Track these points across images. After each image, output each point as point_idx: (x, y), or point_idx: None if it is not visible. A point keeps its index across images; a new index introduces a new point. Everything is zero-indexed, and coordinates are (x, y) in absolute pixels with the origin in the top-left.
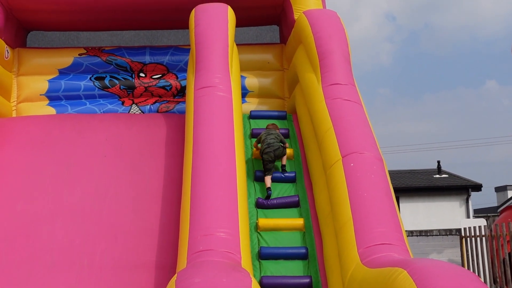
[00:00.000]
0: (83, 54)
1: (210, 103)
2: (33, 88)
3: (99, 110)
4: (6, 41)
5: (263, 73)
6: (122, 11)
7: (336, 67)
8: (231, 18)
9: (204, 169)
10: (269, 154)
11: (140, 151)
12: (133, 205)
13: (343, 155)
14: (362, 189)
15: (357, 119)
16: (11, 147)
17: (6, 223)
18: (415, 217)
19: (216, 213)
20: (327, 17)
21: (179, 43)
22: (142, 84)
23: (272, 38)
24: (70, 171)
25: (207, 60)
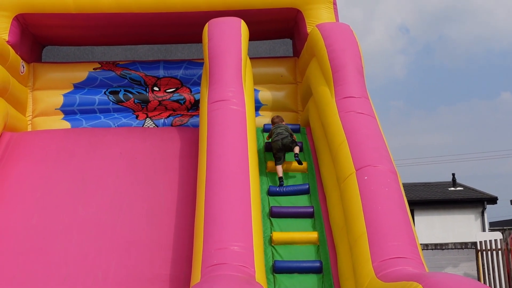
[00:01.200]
0: (98, 68)
1: (224, 116)
2: (48, 103)
3: (114, 124)
4: (22, 56)
5: (276, 86)
6: (136, 25)
7: (349, 80)
8: (244, 32)
9: (218, 182)
10: (277, 142)
11: (154, 165)
12: (147, 219)
13: (357, 168)
14: (376, 202)
15: (370, 132)
16: (26, 161)
17: (22, 237)
18: (430, 230)
19: (230, 226)
20: (340, 30)
21: (192, 57)
22: (156, 98)
23: (285, 52)
24: (85, 185)
25: (221, 74)
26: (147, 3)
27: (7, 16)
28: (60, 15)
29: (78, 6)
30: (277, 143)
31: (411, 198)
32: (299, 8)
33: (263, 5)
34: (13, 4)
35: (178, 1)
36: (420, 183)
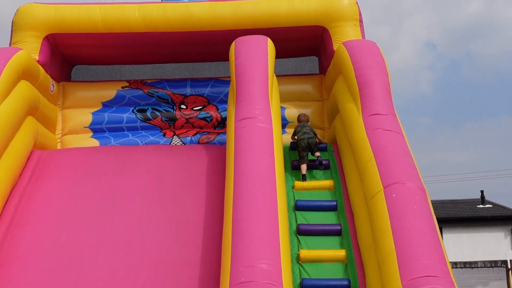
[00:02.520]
0: (126, 87)
1: (251, 134)
2: (77, 121)
3: (141, 142)
4: (52, 75)
5: (302, 103)
6: (164, 44)
7: (376, 97)
8: (270, 49)
9: (245, 200)
10: (302, 141)
11: (182, 182)
12: (175, 236)
13: (385, 185)
14: (405, 220)
15: (398, 149)
16: (56, 179)
17: (51, 254)
18: (459, 248)
19: (257, 244)
20: (367, 47)
21: (219, 75)
22: (183, 116)
23: (311, 69)
24: (113, 202)
25: (248, 91)
26: (174, 22)
27: (37, 36)
28: (89, 34)
29: (106, 25)
30: (303, 141)
31: (439, 216)
32: (325, 26)
33: (289, 23)
34: (44, 24)
35: (205, 20)
36: (448, 200)
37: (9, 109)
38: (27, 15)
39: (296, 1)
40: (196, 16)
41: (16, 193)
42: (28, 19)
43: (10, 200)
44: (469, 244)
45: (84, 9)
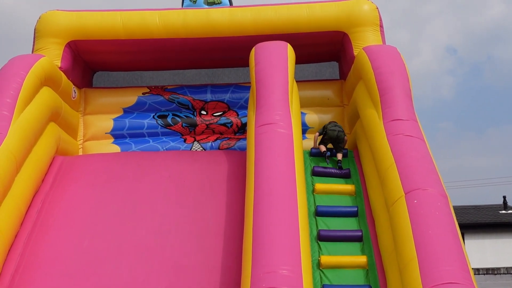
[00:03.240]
0: (147, 93)
1: (271, 140)
2: (98, 127)
3: (162, 148)
4: (74, 81)
5: (323, 109)
6: (184, 50)
7: (397, 103)
8: (290, 55)
9: (266, 206)
10: (333, 131)
11: (202, 188)
12: (196, 242)
13: (406, 191)
14: (426, 226)
15: (419, 155)
16: (77, 185)
17: (72, 260)
18: (481, 255)
19: (278, 250)
20: (387, 52)
21: (239, 81)
22: (203, 122)
23: (331, 74)
24: (134, 208)
25: (268, 97)
26: (195, 28)
27: (59, 43)
28: (111, 41)
29: (127, 32)
30: (333, 132)
31: (461, 222)
32: (345, 31)
33: (309, 28)
34: (66, 31)
35: (225, 26)
36: (470, 206)
37: (31, 116)
38: (49, 22)
39: (316, 7)
40: (216, 22)
41: (38, 198)
42: (50, 26)
43: (33, 205)
44: (492, 250)
45: (106, 16)
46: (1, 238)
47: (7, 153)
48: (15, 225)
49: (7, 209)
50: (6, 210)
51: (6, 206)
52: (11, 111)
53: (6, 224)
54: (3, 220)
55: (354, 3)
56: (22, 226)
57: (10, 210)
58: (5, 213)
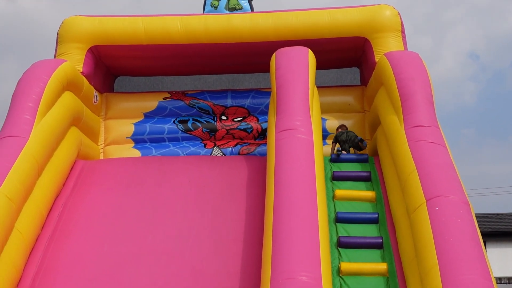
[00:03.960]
0: (167, 98)
1: (291, 145)
2: (119, 131)
3: (182, 153)
4: (95, 86)
5: (343, 115)
6: (205, 56)
7: (419, 109)
8: (311, 61)
9: (286, 211)
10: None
11: (222, 193)
12: (215, 247)
13: (428, 198)
14: (448, 233)
15: (441, 161)
16: (98, 189)
17: (92, 263)
18: (503, 263)
19: (298, 256)
20: (409, 58)
21: (260, 86)
22: (224, 127)
23: (352, 80)
24: (154, 212)
25: (288, 102)
26: (215, 34)
27: (82, 48)
28: (132, 46)
29: (149, 37)
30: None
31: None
32: (366, 37)
33: (330, 34)
34: (88, 36)
35: (246, 31)
36: (492, 214)
37: (53, 120)
38: (72, 27)
39: (337, 13)
40: (237, 27)
41: (59, 202)
42: (72, 31)
43: (54, 209)
44: None
45: (128, 21)
46: (22, 241)
47: (29, 157)
48: (37, 228)
49: (29, 212)
50: (27, 213)
51: (27, 209)
52: (33, 115)
53: (28, 227)
54: (25, 223)
55: (376, 8)
56: (43, 229)
57: (32, 213)
58: (26, 216)
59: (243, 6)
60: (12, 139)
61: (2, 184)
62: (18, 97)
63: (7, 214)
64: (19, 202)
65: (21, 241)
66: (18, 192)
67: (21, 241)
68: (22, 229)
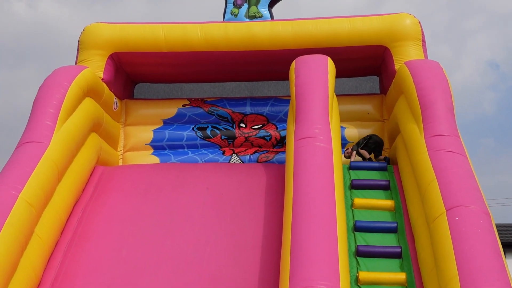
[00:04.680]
0: (187, 105)
1: (310, 153)
2: (139, 138)
3: (201, 160)
4: (115, 93)
5: (363, 123)
6: (225, 63)
7: (439, 118)
8: (331, 69)
9: (304, 220)
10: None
11: (240, 201)
12: (233, 255)
13: (448, 208)
14: (468, 244)
15: (461, 171)
16: (117, 195)
17: (111, 269)
18: None
19: (316, 264)
20: (429, 67)
21: (279, 94)
22: (242, 134)
23: (371, 89)
24: (173, 219)
25: (307, 110)
26: (235, 42)
27: (102, 54)
28: (152, 53)
29: (169, 44)
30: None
31: (504, 240)
32: (386, 46)
33: (350, 42)
34: (109, 43)
35: (266, 39)
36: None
37: (74, 126)
38: (93, 34)
39: (357, 21)
40: (257, 35)
41: (79, 208)
42: (94, 38)
43: (73, 214)
44: None
45: (148, 29)
46: (42, 246)
47: (50, 163)
48: (56, 234)
49: (48, 217)
50: (47, 218)
51: (47, 215)
52: (54, 121)
53: (47, 232)
54: (44, 228)
55: (396, 17)
56: (62, 235)
57: (51, 219)
58: (46, 221)
59: (263, 14)
60: (33, 144)
61: (23, 189)
62: (39, 103)
63: (27, 219)
64: (39, 207)
65: (41, 246)
66: (38, 197)
67: (40, 246)
68: (41, 234)
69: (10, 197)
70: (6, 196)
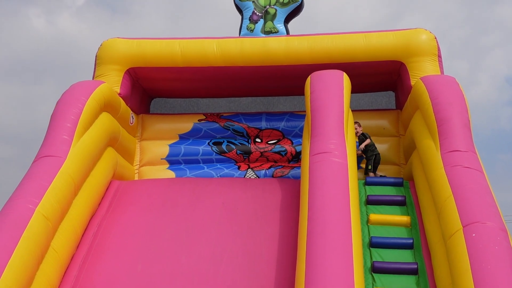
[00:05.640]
0: (203, 120)
1: (326, 169)
2: (154, 152)
3: (216, 174)
4: (132, 107)
5: (378, 139)
6: (240, 78)
7: (455, 134)
8: (346, 84)
9: (319, 235)
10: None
11: (256, 216)
12: (248, 269)
13: (464, 224)
14: (485, 261)
15: (478, 187)
16: (133, 209)
17: (127, 283)
18: None
19: (331, 280)
20: (446, 82)
21: (294, 109)
22: (258, 149)
23: (387, 104)
24: (188, 233)
25: (323, 126)
26: (251, 57)
27: (119, 70)
28: (169, 68)
29: (186, 60)
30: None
31: None
32: (402, 61)
33: (366, 58)
34: (126, 59)
35: (282, 54)
36: None
37: (90, 140)
38: (110, 49)
39: (373, 36)
40: (273, 51)
41: (94, 222)
42: (111, 53)
43: (89, 228)
44: None
45: (165, 44)
46: (57, 260)
47: (66, 177)
48: (72, 247)
49: (64, 231)
50: (63, 232)
51: (63, 228)
52: (71, 135)
53: (63, 246)
54: (60, 242)
55: (412, 32)
56: (78, 249)
57: (67, 232)
58: (62, 235)
59: (279, 29)
60: (50, 158)
61: (40, 203)
62: (57, 117)
63: (43, 232)
64: (55, 221)
65: (57, 260)
66: (54, 211)
67: (56, 259)
68: (57, 248)
69: (27, 211)
70: (23, 209)
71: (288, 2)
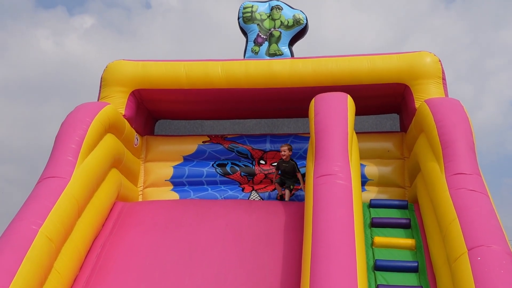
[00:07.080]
0: (207, 141)
1: (330, 191)
2: (159, 174)
3: (220, 196)
4: (136, 129)
5: (383, 161)
6: (245, 100)
7: (460, 157)
8: (350, 106)
9: (324, 258)
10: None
11: (259, 238)
12: None
13: (469, 248)
14: (491, 285)
15: (483, 210)
16: (136, 230)
17: None
18: None
19: None
20: (450, 105)
21: (298, 131)
22: (262, 171)
23: (392, 126)
24: (192, 255)
25: (327, 148)
26: (256, 79)
27: (124, 91)
28: (174, 90)
29: (190, 82)
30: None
31: None
32: (406, 84)
33: (370, 81)
34: (130, 80)
35: (286, 77)
36: None
37: (95, 161)
38: (115, 71)
39: (377, 59)
40: (278, 73)
41: (98, 243)
42: (116, 75)
43: (92, 250)
44: None
45: (169, 66)
46: (61, 281)
47: (70, 198)
48: (75, 269)
49: (68, 252)
50: (66, 253)
51: (66, 250)
52: (75, 156)
53: (66, 268)
54: (64, 263)
55: (416, 55)
56: (81, 270)
57: (71, 254)
58: (65, 257)
59: (284, 52)
60: (54, 179)
61: (43, 224)
62: (61, 138)
63: (47, 254)
64: (58, 242)
65: (60, 282)
66: (58, 232)
67: (59, 281)
68: (60, 270)
69: (30, 232)
70: (26, 230)
71: (292, 24)
